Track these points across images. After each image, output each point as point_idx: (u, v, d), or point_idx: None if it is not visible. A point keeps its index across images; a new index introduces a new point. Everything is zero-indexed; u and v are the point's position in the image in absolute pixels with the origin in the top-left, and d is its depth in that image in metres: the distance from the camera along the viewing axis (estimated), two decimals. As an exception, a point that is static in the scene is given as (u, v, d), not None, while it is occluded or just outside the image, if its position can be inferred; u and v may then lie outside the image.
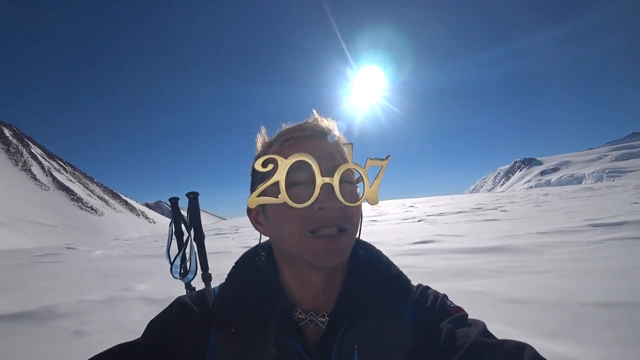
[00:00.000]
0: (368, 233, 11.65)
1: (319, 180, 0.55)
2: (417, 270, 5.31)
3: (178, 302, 0.65)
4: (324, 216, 0.56)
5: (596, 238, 6.21)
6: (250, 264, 0.69)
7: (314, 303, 0.63)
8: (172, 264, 1.00)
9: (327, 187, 0.56)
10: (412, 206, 30.45)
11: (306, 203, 0.55)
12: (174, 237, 1.07)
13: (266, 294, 0.62)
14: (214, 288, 0.71)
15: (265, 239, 0.71)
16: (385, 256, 0.75)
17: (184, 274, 1.01)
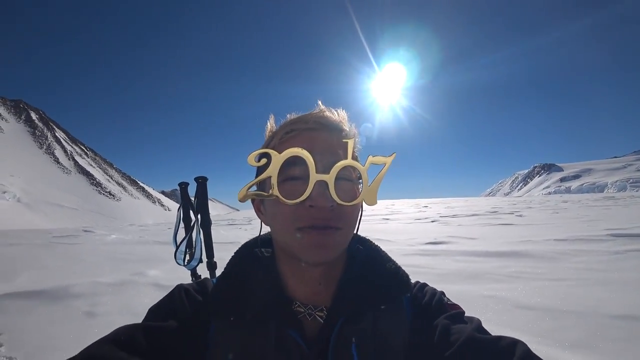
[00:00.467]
0: (379, 231, 11.56)
1: (313, 177, 0.53)
2: (428, 271, 5.21)
3: (179, 289, 0.65)
4: (315, 214, 0.55)
5: (617, 248, 5.95)
6: (249, 254, 0.69)
7: (311, 296, 0.62)
8: (176, 249, 0.97)
9: (321, 185, 0.54)
10: (426, 206, 30.13)
11: (297, 200, 0.53)
12: (181, 222, 1.05)
13: (264, 285, 0.62)
14: (213, 279, 0.72)
15: (266, 229, 0.70)
16: (383, 252, 0.71)
17: (188, 260, 0.98)
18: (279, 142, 0.61)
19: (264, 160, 0.56)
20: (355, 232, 0.64)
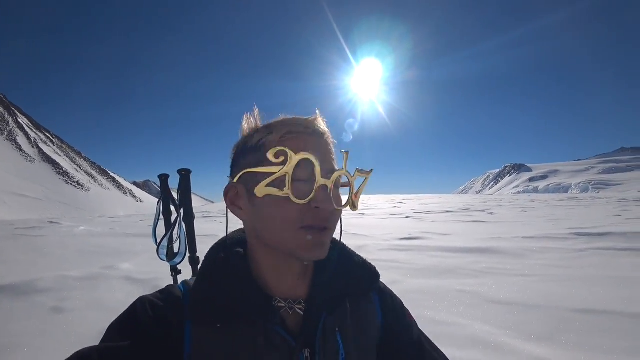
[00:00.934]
0: (355, 226, 11.70)
1: (319, 181, 0.57)
2: (404, 266, 5.34)
3: (142, 301, 0.61)
4: (319, 215, 0.58)
5: (580, 246, 6.33)
6: (222, 256, 0.66)
7: (289, 291, 0.64)
8: (158, 245, 0.94)
9: (324, 189, 0.58)
10: (401, 202, 30.76)
11: (304, 200, 0.56)
12: (161, 216, 1.01)
13: (244, 286, 0.60)
14: (178, 285, 0.67)
15: (234, 227, 0.73)
16: (348, 247, 0.76)
17: (171, 255, 0.95)
18: (278, 140, 0.60)
19: (281, 158, 0.56)
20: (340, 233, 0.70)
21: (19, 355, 2.73)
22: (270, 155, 0.56)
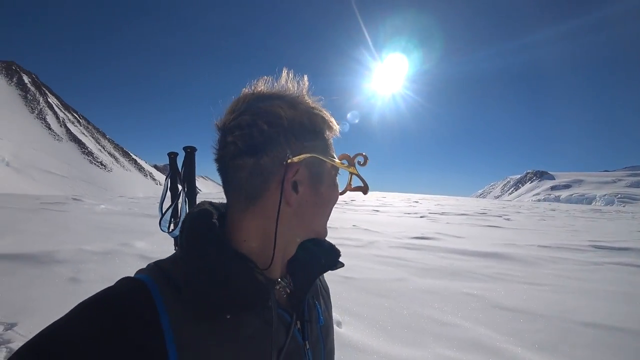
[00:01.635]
0: (368, 222, 11.66)
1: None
2: (412, 265, 5.31)
3: (90, 310, 0.47)
4: None
5: (597, 259, 6.11)
6: (213, 236, 0.55)
7: (278, 271, 0.64)
8: (162, 217, 0.98)
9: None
10: (417, 202, 30.40)
11: (342, 191, 0.67)
12: (168, 192, 1.05)
13: (249, 274, 0.54)
14: (139, 276, 0.54)
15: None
16: None
17: (172, 229, 0.99)
18: (330, 139, 0.64)
19: (344, 159, 0.67)
20: None
21: (36, 318, 2.91)
22: (345, 159, 0.67)
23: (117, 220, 9.09)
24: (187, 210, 1.14)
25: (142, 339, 0.45)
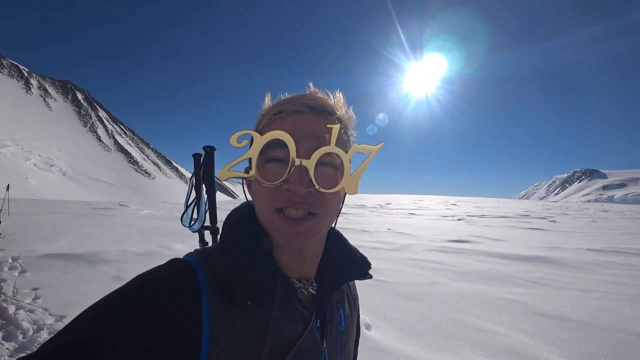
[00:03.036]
0: (404, 225, 11.43)
1: (293, 161, 0.54)
2: (447, 268, 5.13)
3: (145, 278, 0.53)
4: (292, 197, 0.55)
5: (656, 264, 5.54)
6: (245, 231, 0.63)
7: (298, 270, 0.65)
8: (184, 212, 1.04)
9: (300, 170, 0.55)
10: (455, 204, 29.31)
11: (275, 183, 0.55)
12: (192, 190, 1.11)
13: (267, 265, 0.60)
14: (186, 257, 0.61)
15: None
16: (341, 233, 0.79)
17: (193, 223, 1.04)
18: (267, 122, 0.61)
19: (245, 142, 0.57)
20: (335, 219, 0.67)
21: (84, 313, 3.16)
22: (232, 141, 0.56)
23: (158, 224, 9.63)
24: (206, 206, 1.21)
25: (185, 305, 0.51)
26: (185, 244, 6.31)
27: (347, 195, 0.66)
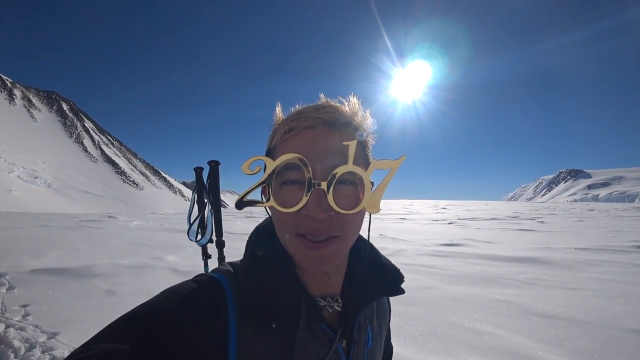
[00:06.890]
0: (395, 230, 11.49)
1: (309, 184, 0.52)
2: (440, 272, 5.17)
3: (175, 293, 0.53)
4: (312, 224, 0.53)
5: (643, 261, 5.70)
6: (268, 248, 0.62)
7: (322, 288, 0.63)
8: (189, 227, 1.04)
9: (318, 192, 0.52)
10: (445, 208, 29.63)
11: (293, 208, 0.52)
12: (195, 204, 1.12)
13: (291, 285, 0.58)
14: (213, 274, 0.61)
15: None
16: (375, 247, 0.76)
17: (200, 238, 1.05)
18: (279, 141, 0.58)
19: (258, 168, 0.54)
20: (358, 235, 0.65)
21: (77, 327, 3.09)
22: (245, 169, 0.54)
23: (149, 235, 9.48)
24: (212, 220, 1.21)
25: (213, 326, 0.52)
26: (178, 255, 6.22)
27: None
